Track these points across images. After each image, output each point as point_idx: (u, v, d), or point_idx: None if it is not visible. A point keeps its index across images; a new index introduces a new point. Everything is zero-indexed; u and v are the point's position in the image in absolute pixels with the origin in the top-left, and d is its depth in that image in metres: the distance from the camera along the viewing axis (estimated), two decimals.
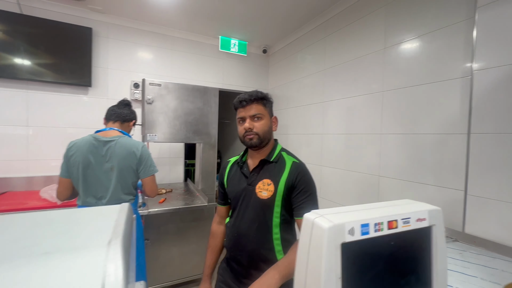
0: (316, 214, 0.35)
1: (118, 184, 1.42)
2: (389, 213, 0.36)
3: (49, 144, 2.23)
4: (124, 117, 1.57)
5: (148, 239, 2.00)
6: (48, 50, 2.15)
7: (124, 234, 0.33)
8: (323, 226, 0.32)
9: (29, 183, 2.17)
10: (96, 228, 0.35)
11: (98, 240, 0.30)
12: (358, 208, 0.39)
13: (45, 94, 2.21)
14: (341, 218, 0.34)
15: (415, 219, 0.37)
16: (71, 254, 0.27)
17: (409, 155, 1.53)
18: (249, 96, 1.00)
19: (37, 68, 2.13)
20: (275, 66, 3.08)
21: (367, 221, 0.34)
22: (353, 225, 0.33)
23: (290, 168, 0.99)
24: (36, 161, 2.21)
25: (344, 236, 0.32)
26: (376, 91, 1.73)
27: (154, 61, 2.63)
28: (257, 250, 0.98)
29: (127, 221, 0.38)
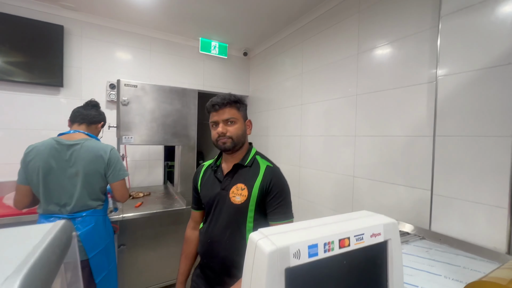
0: (260, 235, 0.31)
1: (84, 190, 1.31)
2: (341, 230, 0.33)
3: (19, 147, 2.04)
4: (91, 119, 1.46)
5: (125, 244, 1.89)
6: (14, 47, 1.98)
7: (34, 265, 0.27)
8: (264, 250, 0.28)
9: None
10: (3, 258, 0.29)
11: None
12: (308, 225, 0.35)
13: (13, 94, 2.04)
14: (286, 239, 0.30)
15: (369, 235, 0.34)
16: None
17: (380, 157, 1.54)
18: (221, 100, 0.95)
19: (2, 66, 1.96)
20: (255, 69, 3.05)
21: (316, 241, 0.30)
22: (299, 247, 0.29)
23: (264, 172, 0.96)
24: (4, 165, 2.03)
25: (289, 260, 0.28)
26: (350, 95, 1.74)
27: (131, 62, 2.51)
28: (230, 257, 0.94)
29: (50, 245, 0.32)
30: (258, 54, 2.97)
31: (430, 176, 1.26)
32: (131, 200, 2.09)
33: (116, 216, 1.68)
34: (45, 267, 0.29)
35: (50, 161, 1.27)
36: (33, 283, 0.25)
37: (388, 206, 1.47)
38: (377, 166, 1.55)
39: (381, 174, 1.53)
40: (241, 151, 1.02)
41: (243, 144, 1.01)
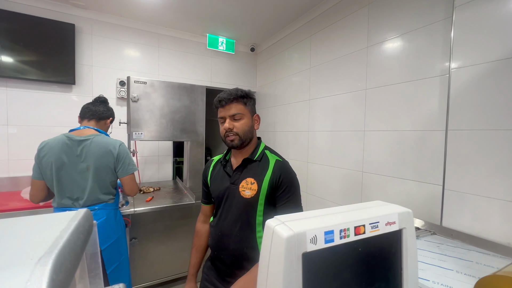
0: (277, 221, 0.31)
1: (95, 184, 1.35)
2: (356, 218, 0.33)
3: (33, 143, 2.11)
4: (100, 114, 1.49)
5: (136, 237, 1.94)
6: (28, 46, 2.03)
7: (64, 247, 0.29)
8: (282, 235, 0.29)
9: (12, 184, 2.06)
10: (34, 241, 0.30)
11: (28, 256, 0.26)
12: (323, 213, 0.35)
13: (27, 92, 2.10)
14: (302, 225, 0.30)
15: (384, 223, 0.34)
16: None
17: (390, 151, 1.52)
18: (228, 95, 0.96)
19: (17, 64, 2.01)
20: (262, 64, 3.03)
21: (332, 228, 0.31)
22: (315, 233, 0.30)
23: (273, 166, 0.96)
24: (19, 161, 2.10)
25: (306, 245, 0.29)
26: (359, 89, 1.72)
27: (140, 59, 2.54)
28: (240, 250, 0.96)
29: (76, 230, 0.34)
30: (265, 49, 2.95)
31: (442, 171, 1.24)
32: (142, 194, 2.14)
33: (128, 210, 1.73)
34: (72, 250, 0.31)
35: (62, 156, 1.30)
36: (63, 264, 0.27)
37: (398, 201, 1.46)
38: (387, 161, 1.54)
39: (390, 169, 1.52)
40: (250, 146, 1.02)
41: (251, 139, 1.01)
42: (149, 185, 2.42)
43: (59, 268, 0.25)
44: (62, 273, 0.26)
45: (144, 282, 1.99)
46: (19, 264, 0.25)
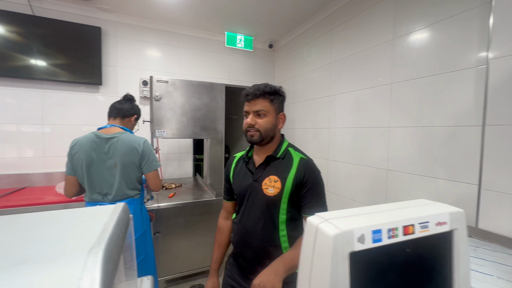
0: (320, 219, 0.30)
1: (122, 180, 1.40)
2: (404, 216, 0.31)
3: (64, 141, 2.24)
4: (124, 112, 1.53)
5: (159, 232, 2.00)
6: (60, 50, 2.15)
7: (110, 239, 0.29)
8: (328, 233, 0.27)
9: (47, 179, 2.20)
10: (81, 232, 0.32)
11: (79, 247, 0.27)
12: (367, 211, 0.33)
13: (59, 93, 2.23)
14: (349, 223, 0.29)
15: (434, 223, 0.32)
16: (47, 264, 0.24)
17: (418, 149, 1.44)
18: (255, 90, 0.93)
19: (50, 68, 2.14)
20: (281, 60, 3.00)
21: (379, 227, 0.29)
22: (363, 232, 0.28)
23: (297, 164, 0.94)
24: (53, 157, 2.24)
25: (353, 244, 0.28)
26: (384, 84, 1.64)
27: (161, 59, 2.60)
28: (263, 247, 0.95)
29: (118, 223, 0.35)
30: (283, 45, 2.91)
31: (478, 169, 1.15)
32: (164, 190, 2.20)
33: (152, 205, 1.78)
34: (117, 242, 0.32)
35: (91, 153, 1.36)
36: (111, 254, 0.28)
37: None
38: (414, 158, 1.46)
39: (418, 167, 1.44)
40: (273, 143, 1.01)
41: (272, 138, 0.99)
42: (171, 181, 2.49)
43: (108, 259, 0.26)
44: (110, 264, 0.27)
45: (168, 275, 2.06)
46: (72, 254, 0.26)
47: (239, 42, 2.75)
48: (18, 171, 2.13)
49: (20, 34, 2.02)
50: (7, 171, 2.10)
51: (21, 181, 2.11)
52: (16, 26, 2.01)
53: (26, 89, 2.13)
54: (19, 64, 2.04)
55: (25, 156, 2.16)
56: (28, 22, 2.04)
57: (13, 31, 2.00)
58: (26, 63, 2.06)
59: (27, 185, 2.12)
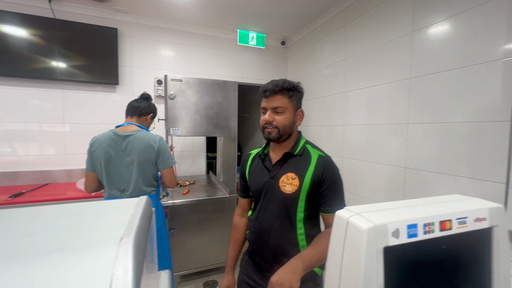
0: (350, 212, 0.29)
1: (139, 177, 1.43)
2: (441, 211, 0.29)
3: (83, 139, 2.33)
4: (141, 111, 1.56)
5: (174, 228, 2.04)
6: (79, 52, 2.22)
7: (138, 230, 0.30)
8: (361, 227, 0.26)
9: (68, 175, 2.29)
10: (110, 223, 0.32)
11: (110, 237, 0.27)
12: (398, 205, 0.32)
13: (78, 93, 2.31)
14: (382, 217, 0.27)
15: (473, 219, 0.30)
16: (81, 252, 0.24)
17: (439, 146, 1.38)
18: (273, 86, 0.91)
19: (70, 69, 2.21)
20: (293, 57, 2.97)
21: (415, 221, 0.27)
22: (397, 226, 0.27)
23: (316, 162, 0.93)
24: (73, 155, 2.32)
25: (387, 239, 0.26)
26: (402, 79, 1.59)
27: (175, 58, 2.64)
28: (280, 245, 0.94)
29: (143, 215, 0.35)
30: (296, 42, 2.88)
31: (506, 167, 1.09)
32: (179, 187, 2.24)
33: (167, 201, 1.82)
34: (143, 233, 0.32)
35: (109, 150, 1.40)
36: (139, 244, 0.28)
37: None
38: (435, 156, 1.40)
39: (439, 165, 1.38)
40: (290, 140, 0.99)
41: (290, 134, 0.97)
42: (185, 179, 2.52)
43: (137, 249, 0.26)
44: (140, 253, 0.27)
45: (182, 270, 2.09)
46: (104, 243, 0.26)
47: (251, 39, 2.74)
48: (41, 168, 2.23)
49: (43, 37, 2.11)
50: (32, 168, 2.20)
51: (44, 177, 2.21)
52: (39, 30, 2.09)
53: (48, 90, 2.21)
54: (41, 66, 2.13)
55: (48, 154, 2.25)
56: (49, 26, 2.12)
57: (36, 34, 2.09)
58: (48, 65, 2.14)
59: (50, 181, 2.21)
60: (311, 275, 0.89)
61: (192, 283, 2.15)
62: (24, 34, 2.06)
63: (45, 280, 0.21)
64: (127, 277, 0.21)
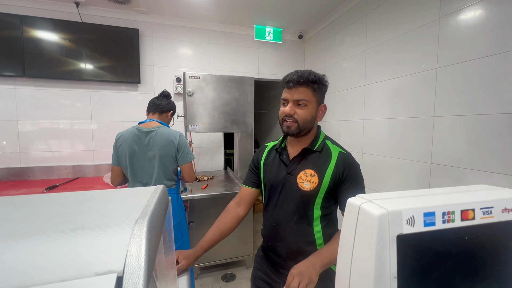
0: (362, 199, 0.28)
1: (160, 171, 1.49)
2: (462, 200, 0.27)
3: (109, 136, 2.46)
4: (162, 108, 1.62)
5: (193, 221, 2.10)
6: (104, 53, 2.34)
7: (152, 214, 0.31)
8: (372, 213, 0.25)
9: (96, 170, 2.45)
10: (127, 207, 0.34)
11: (126, 219, 0.29)
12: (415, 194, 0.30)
13: (104, 92, 2.44)
14: (396, 204, 0.26)
15: (500, 209, 0.27)
16: (100, 231, 0.26)
17: (469, 140, 1.29)
18: (298, 77, 0.87)
19: (96, 70, 2.35)
20: (311, 51, 2.91)
21: (433, 209, 0.26)
22: (413, 213, 0.25)
23: (336, 159, 0.90)
24: (100, 151, 2.47)
25: (402, 226, 0.25)
26: (427, 69, 1.49)
27: (193, 56, 2.69)
28: (296, 243, 0.93)
29: (158, 201, 0.37)
30: (314, 35, 2.81)
31: None
32: (198, 182, 2.30)
33: (186, 196, 1.87)
34: (158, 217, 0.34)
35: (133, 146, 1.47)
36: (153, 227, 0.30)
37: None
38: (464, 151, 1.31)
39: (470, 161, 1.29)
40: (309, 136, 0.96)
41: (310, 130, 0.94)
42: (203, 174, 2.59)
43: (151, 230, 0.28)
44: (154, 235, 0.28)
45: (201, 263, 2.16)
46: (120, 224, 0.28)
47: (268, 34, 2.72)
48: (72, 163, 2.39)
49: (72, 40, 2.25)
50: (64, 162, 2.38)
51: (75, 171, 2.37)
52: (68, 33, 2.24)
53: (77, 90, 2.37)
54: (71, 68, 2.27)
55: (78, 150, 2.42)
56: (77, 29, 2.25)
57: (66, 38, 2.23)
58: (76, 66, 2.28)
59: (80, 175, 2.38)
60: (328, 272, 0.87)
61: (211, 275, 2.21)
62: (55, 38, 2.21)
63: (68, 253, 0.23)
64: (141, 254, 0.23)
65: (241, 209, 1.05)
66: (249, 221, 2.25)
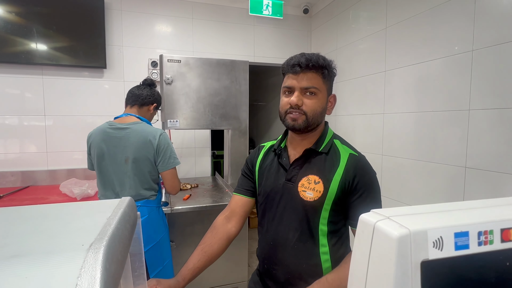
0: (378, 215, 0.27)
1: (135, 178, 1.48)
2: (504, 216, 0.27)
3: (68, 134, 2.44)
4: (142, 100, 1.60)
5: (173, 241, 2.09)
6: (60, 30, 2.31)
7: (113, 236, 0.30)
8: (390, 233, 0.25)
9: (51, 177, 2.42)
10: (81, 227, 0.33)
11: (78, 242, 0.28)
12: (444, 208, 0.30)
13: (60, 79, 2.41)
14: (420, 221, 0.26)
15: None
16: (41, 259, 0.25)
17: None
18: (306, 60, 0.87)
19: (51, 51, 2.32)
20: (319, 29, 2.92)
21: (466, 228, 0.26)
22: (441, 234, 0.25)
23: (346, 163, 0.90)
24: (57, 153, 2.44)
25: (427, 250, 0.25)
26: (461, 52, 1.51)
27: (173, 34, 2.68)
28: (298, 266, 0.93)
29: (122, 219, 0.36)
30: (322, 9, 2.82)
31: None
32: (179, 192, 2.28)
33: (165, 208, 1.86)
34: (121, 240, 0.33)
35: (102, 145, 1.46)
36: (114, 254, 0.29)
37: None
38: (506, 152, 1.32)
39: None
40: (315, 133, 0.97)
41: (318, 125, 0.95)
42: (186, 181, 2.57)
43: (111, 258, 0.27)
44: (114, 263, 0.27)
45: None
46: (70, 249, 0.27)
47: (265, 8, 2.72)
48: (21, 168, 2.36)
49: (19, 14, 2.22)
50: (11, 168, 2.34)
51: (25, 179, 2.34)
52: (14, 5, 2.20)
53: (26, 76, 2.33)
54: (18, 49, 2.24)
55: (28, 152, 2.39)
56: (26, 0, 2.22)
57: (11, 11, 2.20)
58: (26, 47, 2.25)
59: (31, 184, 2.34)
60: None
61: None
62: None
63: None
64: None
65: (232, 225, 1.04)
66: (242, 239, 2.25)
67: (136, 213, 0.46)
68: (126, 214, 0.39)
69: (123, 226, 0.35)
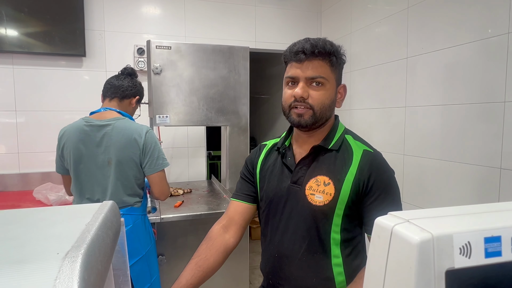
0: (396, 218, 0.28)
1: (117, 182, 1.48)
2: None
3: (43, 133, 2.45)
4: (123, 92, 1.61)
5: (163, 254, 2.09)
6: (33, 13, 2.33)
7: (92, 243, 0.31)
8: (410, 238, 0.25)
9: (23, 181, 2.44)
10: (57, 234, 0.34)
11: (53, 250, 0.28)
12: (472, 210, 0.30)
13: (33, 69, 2.43)
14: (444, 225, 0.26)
15: None
16: (11, 269, 0.26)
17: None
18: (311, 46, 0.88)
19: (22, 37, 2.34)
20: (330, 10, 2.93)
21: (498, 232, 0.26)
22: (468, 239, 0.25)
23: (360, 161, 0.91)
24: (30, 154, 2.46)
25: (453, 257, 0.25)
26: (496, 35, 1.52)
27: (162, 17, 2.70)
28: (308, 280, 0.94)
29: (103, 225, 0.37)
30: None
31: None
32: (170, 198, 2.29)
33: (153, 217, 1.87)
34: (102, 248, 0.33)
35: (79, 146, 1.47)
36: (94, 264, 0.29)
37: None
38: None
39: None
40: (324, 128, 0.97)
41: (327, 119, 0.96)
42: (178, 186, 2.58)
43: (90, 268, 0.27)
44: (93, 274, 0.28)
45: None
46: (44, 258, 0.27)
47: None
48: None
49: None
50: None
51: None
52: None
53: None
54: None
55: None
56: None
57: None
58: None
59: (0, 189, 2.36)
60: None
61: None
62: None
63: None
64: None
65: (230, 236, 1.05)
66: (243, 252, 2.26)
67: (119, 219, 0.46)
68: (107, 220, 0.39)
69: (104, 233, 0.35)
